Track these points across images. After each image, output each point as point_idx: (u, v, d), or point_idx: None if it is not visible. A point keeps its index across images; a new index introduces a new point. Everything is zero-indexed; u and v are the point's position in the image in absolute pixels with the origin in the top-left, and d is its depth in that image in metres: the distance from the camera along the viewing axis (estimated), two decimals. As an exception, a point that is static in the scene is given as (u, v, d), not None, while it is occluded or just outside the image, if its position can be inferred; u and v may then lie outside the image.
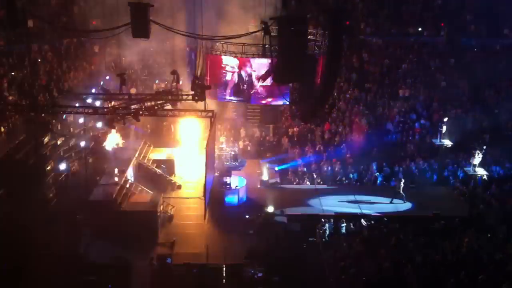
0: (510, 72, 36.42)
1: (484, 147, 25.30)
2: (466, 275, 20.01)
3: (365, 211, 25.46)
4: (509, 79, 36.37)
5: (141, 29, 18.78)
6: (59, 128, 27.58)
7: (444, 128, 28.23)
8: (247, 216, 24.51)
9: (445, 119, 28.55)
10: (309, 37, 23.71)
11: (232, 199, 26.30)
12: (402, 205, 26.33)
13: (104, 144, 27.77)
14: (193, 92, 22.77)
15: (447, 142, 28.23)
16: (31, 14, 20.70)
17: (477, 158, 24.66)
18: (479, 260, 21.36)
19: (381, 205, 26.37)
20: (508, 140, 31.39)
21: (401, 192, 26.37)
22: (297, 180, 29.25)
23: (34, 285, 19.06)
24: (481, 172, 24.76)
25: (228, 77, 28.06)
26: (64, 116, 27.88)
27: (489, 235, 23.33)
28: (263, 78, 24.46)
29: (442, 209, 25.69)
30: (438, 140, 28.39)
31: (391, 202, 26.46)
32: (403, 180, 26.68)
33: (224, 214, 25.25)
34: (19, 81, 31.18)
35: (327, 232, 23.75)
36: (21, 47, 30.49)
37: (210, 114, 22.77)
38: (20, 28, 19.84)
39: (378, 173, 29.54)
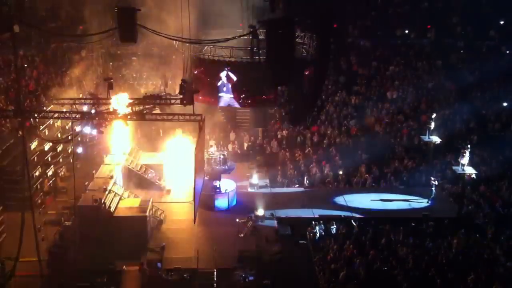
0: (497, 73, 36.78)
1: (469, 146, 25.43)
2: (456, 275, 20.14)
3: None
4: (495, 80, 36.69)
5: (128, 33, 18.69)
6: (46, 133, 27.40)
7: (433, 125, 28.30)
8: (237, 220, 24.47)
9: (433, 115, 28.60)
10: (297, 40, 23.77)
11: (222, 203, 26.25)
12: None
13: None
14: (181, 96, 22.68)
15: (436, 139, 28.32)
16: (17, 19, 20.49)
17: (466, 157, 24.78)
18: (468, 260, 21.50)
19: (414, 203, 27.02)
20: (495, 140, 31.67)
21: (434, 190, 26.70)
22: (286, 182, 29.29)
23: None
24: (469, 171, 24.88)
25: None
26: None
27: (478, 235, 23.48)
28: None
29: (431, 210, 25.87)
30: (427, 136, 28.47)
31: (428, 202, 26.84)
32: (433, 178, 26.97)
33: (214, 218, 25.20)
34: (6, 86, 31.03)
35: (318, 234, 23.77)
36: (7, 52, 30.33)
37: (198, 118, 22.69)
38: (6, 33, 19.67)
39: (367, 175, 29.64)
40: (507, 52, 39.46)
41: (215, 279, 20.27)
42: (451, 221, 24.78)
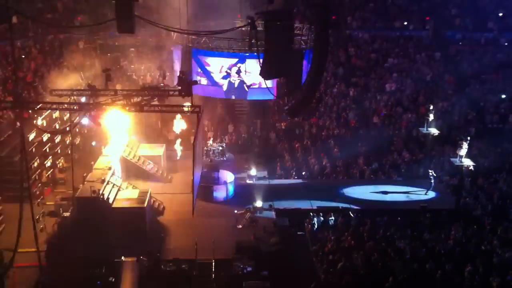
0: (495, 65, 36.80)
1: (469, 138, 25.41)
2: (454, 267, 20.22)
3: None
4: (494, 72, 36.72)
5: (126, 25, 18.57)
6: (44, 124, 27.36)
7: (431, 117, 28.25)
8: (235, 211, 24.52)
9: (432, 107, 28.54)
10: (295, 31, 23.71)
11: (220, 194, 26.27)
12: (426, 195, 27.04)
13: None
14: (179, 88, 22.64)
15: (434, 131, 28.29)
16: (14, 10, 20.36)
17: (464, 149, 24.78)
18: (466, 252, 21.57)
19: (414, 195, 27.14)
20: (493, 133, 31.72)
21: (432, 182, 26.79)
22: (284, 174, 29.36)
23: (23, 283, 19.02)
24: (467, 162, 24.89)
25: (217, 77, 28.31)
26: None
27: (476, 227, 23.55)
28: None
29: (429, 202, 25.93)
30: (425, 128, 28.44)
31: (426, 193, 26.93)
32: (432, 171, 27.01)
33: (212, 210, 25.23)
34: (3, 78, 30.94)
35: (316, 226, 23.84)
36: (4, 43, 30.21)
37: (197, 109, 22.68)
38: (3, 24, 19.57)
39: (365, 167, 29.70)
40: (506, 44, 39.46)
41: (213, 269, 20.32)
42: (449, 213, 24.87)
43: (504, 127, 32.73)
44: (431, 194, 26.90)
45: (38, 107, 23.34)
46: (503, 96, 34.95)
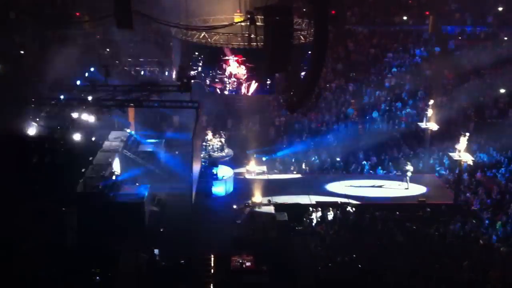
0: (495, 60, 36.72)
1: (467, 133, 25.41)
2: (452, 261, 20.29)
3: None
4: (493, 67, 36.66)
5: (125, 20, 18.56)
6: (44, 120, 27.32)
7: (430, 112, 28.21)
8: (234, 206, 24.55)
9: (431, 102, 28.50)
10: (294, 27, 23.69)
11: (219, 189, 26.30)
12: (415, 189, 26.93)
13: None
14: (179, 83, 22.66)
15: (433, 126, 28.27)
16: (13, 6, 20.41)
17: (463, 144, 24.78)
18: (464, 246, 21.64)
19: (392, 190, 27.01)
20: (492, 127, 31.71)
21: (407, 177, 26.80)
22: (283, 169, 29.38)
23: (21, 278, 19.05)
24: (466, 157, 24.91)
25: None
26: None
27: (474, 222, 23.61)
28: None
29: (428, 196, 25.98)
30: (424, 123, 28.41)
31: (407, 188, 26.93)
32: (409, 164, 27.05)
33: (211, 205, 25.26)
34: (2, 73, 30.87)
35: (315, 220, 23.88)
36: (3, 39, 30.16)
37: (195, 104, 22.69)
38: (2, 20, 19.58)
39: (365, 162, 29.73)
40: (505, 38, 39.38)
41: (212, 264, 20.38)
42: (448, 207, 24.92)
43: (503, 122, 32.69)
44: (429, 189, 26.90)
45: (37, 103, 23.31)
46: (502, 91, 34.89)
